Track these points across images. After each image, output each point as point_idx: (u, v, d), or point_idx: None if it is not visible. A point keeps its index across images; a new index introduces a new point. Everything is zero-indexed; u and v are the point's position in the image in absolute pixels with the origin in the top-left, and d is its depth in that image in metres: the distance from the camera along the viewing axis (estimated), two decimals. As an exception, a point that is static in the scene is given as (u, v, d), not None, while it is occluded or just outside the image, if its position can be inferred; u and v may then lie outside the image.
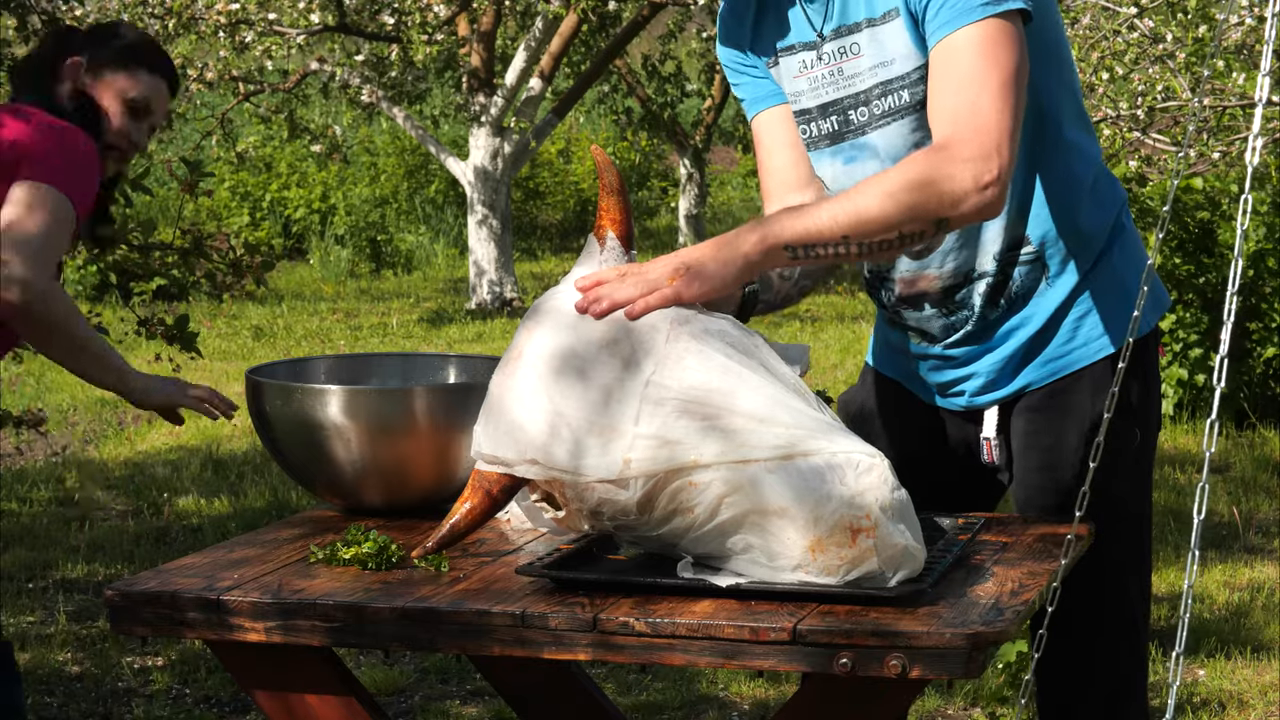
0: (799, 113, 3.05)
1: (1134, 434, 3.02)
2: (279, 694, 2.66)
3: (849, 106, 2.97)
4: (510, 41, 17.44)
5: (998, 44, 2.78)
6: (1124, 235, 3.05)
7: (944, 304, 3.04)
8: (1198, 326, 8.77)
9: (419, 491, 3.03)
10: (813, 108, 3.01)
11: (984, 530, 2.87)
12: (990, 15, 2.78)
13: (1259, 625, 5.84)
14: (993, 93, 2.75)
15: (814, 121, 3.02)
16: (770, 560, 2.51)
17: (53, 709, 5.15)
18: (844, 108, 2.97)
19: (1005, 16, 2.78)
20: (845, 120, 2.98)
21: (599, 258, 2.71)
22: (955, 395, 3.09)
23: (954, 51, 2.79)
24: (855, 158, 2.99)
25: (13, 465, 8.56)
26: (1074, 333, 3.03)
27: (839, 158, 3.01)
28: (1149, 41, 8.82)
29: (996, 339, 3.03)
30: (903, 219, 2.73)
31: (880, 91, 2.92)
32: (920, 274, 3.03)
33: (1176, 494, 7.64)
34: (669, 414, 2.54)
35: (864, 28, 2.92)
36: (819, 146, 3.04)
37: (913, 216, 2.73)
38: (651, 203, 21.48)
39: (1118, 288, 3.03)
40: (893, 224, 2.73)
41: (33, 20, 6.09)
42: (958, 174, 2.71)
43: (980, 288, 3.02)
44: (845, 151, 3.00)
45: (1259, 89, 2.56)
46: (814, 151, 3.06)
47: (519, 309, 14.80)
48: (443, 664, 5.42)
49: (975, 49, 2.77)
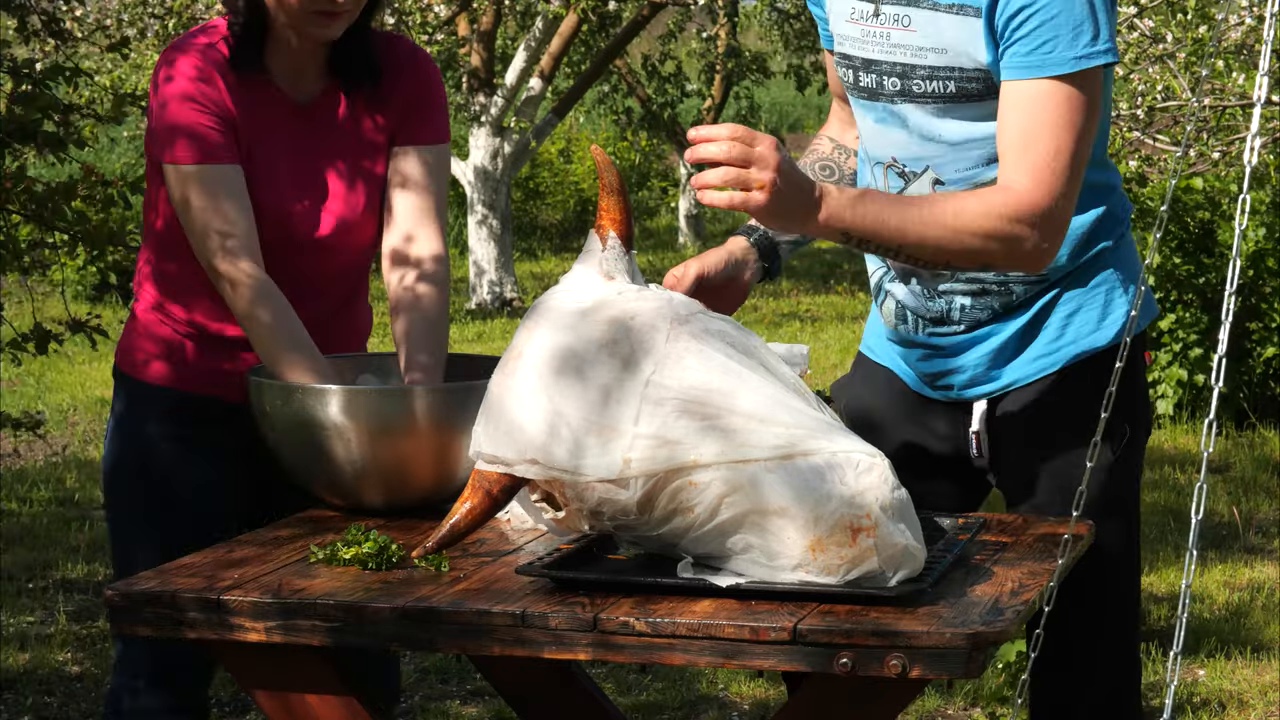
0: (842, 56, 3.07)
1: (1124, 430, 3.02)
2: (279, 694, 2.66)
3: (887, 72, 2.98)
4: (510, 41, 17.45)
5: (1083, 100, 2.84)
6: (1121, 241, 3.06)
7: (928, 289, 3.05)
8: (1197, 326, 8.77)
9: (419, 491, 3.03)
10: (857, 58, 3.03)
11: (984, 530, 2.88)
12: (1085, 69, 2.84)
13: (1259, 625, 5.84)
14: (1071, 155, 2.84)
15: (856, 70, 3.04)
16: (770, 560, 2.51)
17: (53, 709, 5.15)
18: (883, 71, 2.99)
19: (1097, 68, 2.85)
20: (880, 83, 3.00)
21: (599, 257, 2.71)
22: (944, 387, 3.09)
23: (1043, 98, 2.84)
24: (886, 120, 3.01)
25: (13, 465, 8.56)
26: (1063, 330, 3.03)
27: (871, 114, 3.04)
28: (1149, 41, 8.82)
29: (982, 332, 3.04)
30: (960, 258, 2.86)
31: (927, 74, 2.94)
32: None
33: (1176, 494, 7.64)
34: (669, 414, 2.54)
35: (924, 6, 2.92)
36: (856, 95, 3.07)
37: (970, 260, 2.87)
38: (651, 203, 21.47)
39: (1108, 287, 3.04)
40: (950, 258, 2.86)
41: (33, 20, 6.09)
42: (1027, 242, 2.83)
43: (964, 288, 3.03)
44: (878, 111, 3.02)
45: (1258, 89, 2.57)
46: (851, 96, 3.09)
47: (519, 309, 14.80)
48: (443, 664, 5.42)
49: (1063, 102, 2.83)
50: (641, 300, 2.65)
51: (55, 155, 5.16)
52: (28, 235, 6.07)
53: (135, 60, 14.98)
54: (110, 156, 20.67)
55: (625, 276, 2.70)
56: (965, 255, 2.85)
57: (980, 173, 2.96)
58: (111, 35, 12.50)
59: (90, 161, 5.94)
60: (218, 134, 3.15)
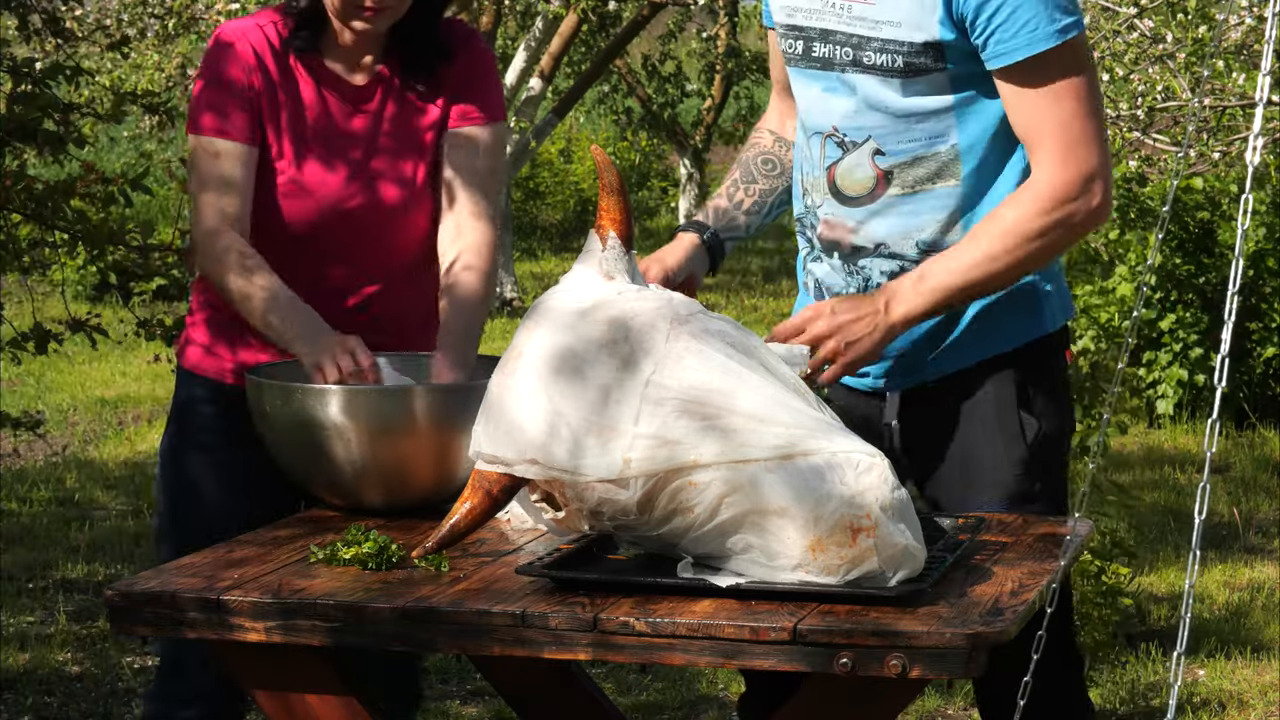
0: (790, 28, 3.10)
1: (1038, 427, 3.08)
2: (279, 694, 2.66)
3: (842, 42, 3.03)
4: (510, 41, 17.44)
5: (1079, 63, 2.96)
6: None
7: (848, 263, 3.08)
8: (1198, 326, 8.77)
9: (419, 491, 3.03)
10: (812, 29, 3.07)
11: (984, 530, 2.87)
12: (1070, 39, 2.93)
13: (1259, 625, 5.84)
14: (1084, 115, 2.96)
15: (809, 41, 3.08)
16: (770, 560, 2.51)
17: (53, 709, 5.14)
18: (839, 41, 3.03)
19: (1078, 36, 2.95)
20: (836, 53, 3.04)
21: (599, 257, 2.71)
22: (860, 375, 3.10)
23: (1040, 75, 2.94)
24: (835, 89, 3.06)
25: (13, 465, 8.55)
26: (977, 328, 3.07)
27: (819, 83, 3.08)
28: (1149, 41, 8.81)
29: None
30: (1035, 262, 3.00)
31: (879, 46, 2.98)
32: (839, 222, 3.09)
33: (1176, 494, 7.63)
34: (669, 414, 2.54)
35: None
36: (802, 66, 3.10)
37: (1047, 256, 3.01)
38: (651, 203, 21.46)
39: (1024, 287, 3.08)
40: (1027, 268, 3.01)
41: (33, 20, 6.09)
42: (1079, 214, 2.98)
43: (884, 266, 3.06)
44: (829, 80, 3.06)
45: (1259, 89, 2.56)
46: (794, 68, 3.13)
47: (519, 309, 14.79)
48: (443, 664, 5.41)
49: (1061, 73, 2.94)
50: (641, 300, 2.65)
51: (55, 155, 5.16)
52: (28, 235, 6.06)
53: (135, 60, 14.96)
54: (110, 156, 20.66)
55: (625, 276, 2.70)
56: (1038, 257, 2.98)
57: (922, 148, 3.01)
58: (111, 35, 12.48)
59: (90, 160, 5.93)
60: (236, 111, 3.20)
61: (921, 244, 3.03)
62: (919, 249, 3.03)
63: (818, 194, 3.10)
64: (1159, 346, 8.84)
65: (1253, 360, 8.79)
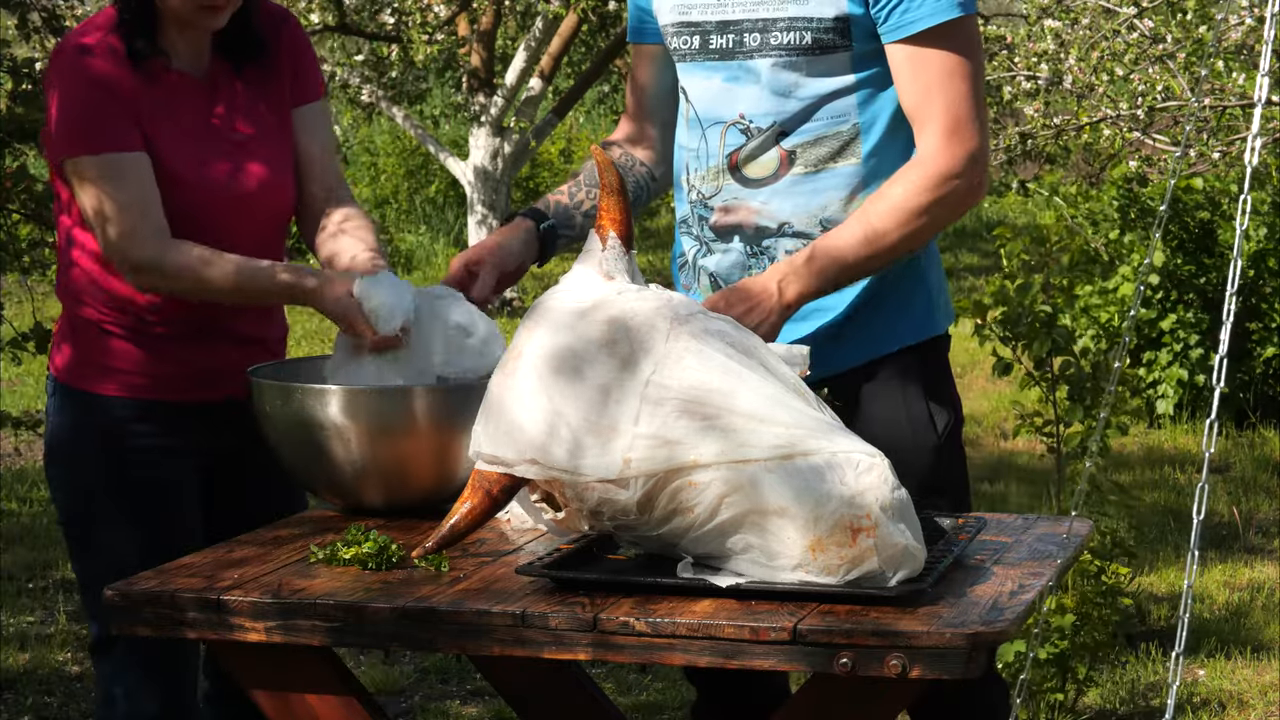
0: (684, 24, 3.15)
1: (947, 417, 3.16)
2: (279, 694, 2.66)
3: (747, 29, 3.08)
4: (510, 41, 17.43)
5: (969, 42, 3.04)
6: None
7: (752, 244, 3.13)
8: (1198, 326, 8.76)
9: (419, 491, 3.03)
10: (709, 22, 3.12)
11: (984, 530, 2.88)
12: (965, 14, 3.02)
13: (1259, 625, 5.84)
14: (968, 96, 3.04)
15: (706, 35, 3.12)
16: (770, 560, 2.51)
17: (53, 709, 5.15)
18: (743, 29, 3.09)
19: (971, 15, 3.04)
20: (740, 41, 3.09)
21: (599, 257, 2.71)
22: None
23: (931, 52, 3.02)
24: (739, 78, 3.11)
25: (13, 465, 8.56)
26: (872, 322, 3.13)
27: (720, 74, 3.13)
28: (1149, 41, 8.81)
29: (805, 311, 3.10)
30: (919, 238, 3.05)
31: (785, 25, 3.05)
32: (742, 204, 3.13)
33: (1176, 494, 7.63)
34: (668, 414, 2.54)
35: None
36: (699, 60, 3.14)
37: (931, 232, 3.06)
38: (651, 203, 21.48)
39: (919, 283, 3.17)
40: (913, 244, 3.06)
41: (33, 19, 6.09)
42: (959, 191, 3.04)
43: (789, 245, 3.10)
44: (731, 70, 3.12)
45: (1259, 89, 2.56)
46: (689, 63, 3.17)
47: (519, 309, 14.79)
48: (443, 664, 5.41)
49: (953, 51, 3.03)
50: (641, 300, 2.65)
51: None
52: (28, 235, 6.07)
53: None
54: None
55: (625, 276, 2.70)
56: (922, 233, 3.04)
57: (824, 128, 3.08)
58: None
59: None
60: (119, 123, 3.18)
61: (825, 222, 3.11)
62: (823, 227, 3.10)
63: (714, 183, 3.16)
64: (1159, 346, 8.84)
65: (1253, 360, 8.79)
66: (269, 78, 3.34)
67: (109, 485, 3.24)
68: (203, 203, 3.22)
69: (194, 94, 3.27)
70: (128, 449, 3.25)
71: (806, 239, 3.10)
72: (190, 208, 3.21)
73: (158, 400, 3.26)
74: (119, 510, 3.24)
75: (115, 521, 3.24)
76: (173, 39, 3.25)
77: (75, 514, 3.28)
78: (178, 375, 3.26)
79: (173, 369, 3.26)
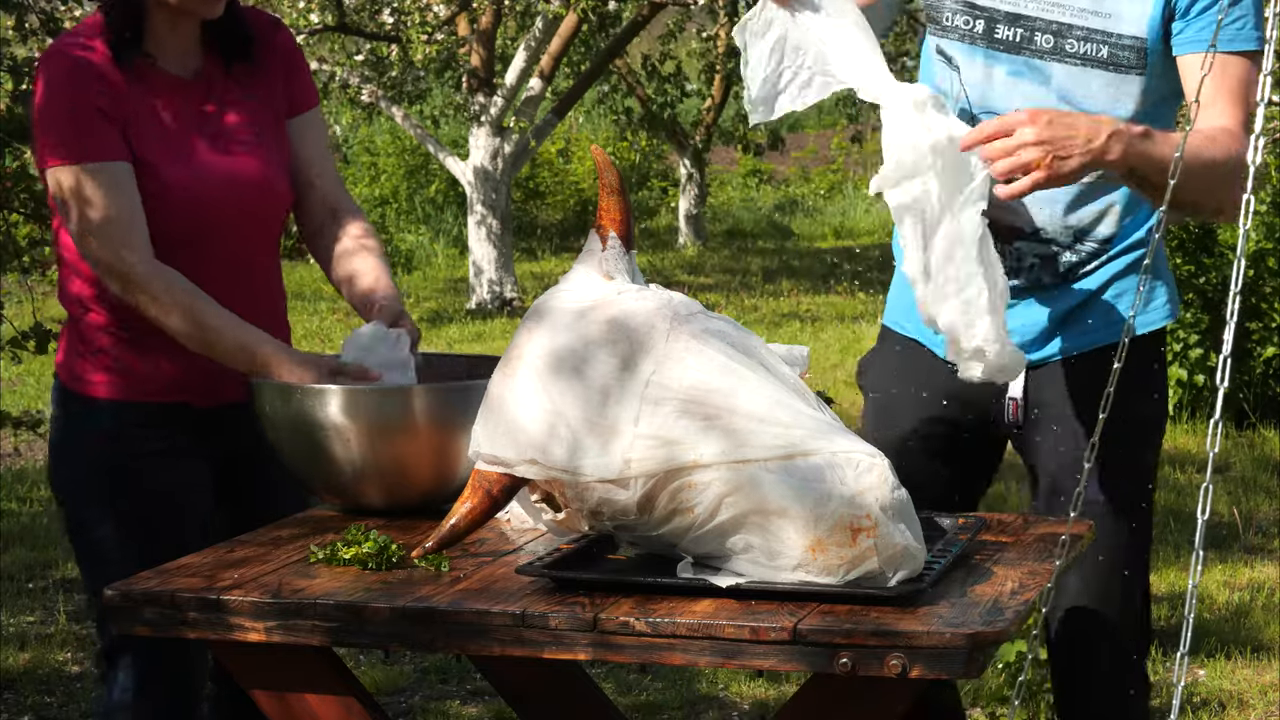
0: (969, 5, 3.08)
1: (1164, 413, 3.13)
2: (279, 694, 2.66)
3: (1039, 29, 3.04)
4: (510, 41, 17.44)
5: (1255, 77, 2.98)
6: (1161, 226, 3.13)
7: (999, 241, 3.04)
8: (1198, 326, 8.76)
9: (419, 491, 3.03)
10: (997, 10, 3.07)
11: (984, 530, 2.88)
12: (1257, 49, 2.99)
13: (1259, 625, 5.84)
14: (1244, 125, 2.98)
15: (991, 22, 3.07)
16: (770, 560, 2.51)
17: (53, 709, 5.15)
18: (1034, 27, 3.04)
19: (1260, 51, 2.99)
20: (1030, 38, 3.05)
21: (599, 257, 2.71)
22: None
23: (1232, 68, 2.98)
24: (1023, 74, 3.06)
25: (13, 465, 8.56)
26: (1111, 309, 3.11)
27: (1003, 66, 3.07)
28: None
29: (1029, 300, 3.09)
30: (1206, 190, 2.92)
31: (1083, 35, 3.01)
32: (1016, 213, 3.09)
33: (1177, 494, 7.63)
34: (669, 414, 2.54)
35: None
36: (982, 45, 3.09)
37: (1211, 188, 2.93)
38: (651, 203, 21.47)
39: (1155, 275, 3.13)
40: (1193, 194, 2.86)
41: (31, 20, 6.09)
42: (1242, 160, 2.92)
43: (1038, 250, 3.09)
44: (1015, 65, 3.06)
45: (1259, 89, 2.56)
46: (967, 45, 3.11)
47: (519, 309, 14.79)
48: (443, 664, 5.41)
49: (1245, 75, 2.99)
50: (641, 300, 2.65)
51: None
52: (27, 235, 6.07)
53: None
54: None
55: (625, 276, 2.70)
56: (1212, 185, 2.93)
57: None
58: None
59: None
60: (104, 133, 3.16)
61: (1078, 233, 3.08)
62: (1073, 236, 3.08)
63: None
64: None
65: (1253, 360, 8.79)
66: (259, 77, 3.33)
67: (114, 490, 3.24)
68: (195, 201, 3.21)
69: (183, 94, 3.26)
70: (133, 454, 3.24)
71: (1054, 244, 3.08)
72: (183, 207, 3.20)
73: (162, 404, 3.26)
74: (124, 515, 3.23)
75: (121, 527, 3.24)
76: (161, 39, 3.24)
77: (81, 521, 3.28)
78: (181, 379, 3.25)
79: (176, 373, 3.25)
